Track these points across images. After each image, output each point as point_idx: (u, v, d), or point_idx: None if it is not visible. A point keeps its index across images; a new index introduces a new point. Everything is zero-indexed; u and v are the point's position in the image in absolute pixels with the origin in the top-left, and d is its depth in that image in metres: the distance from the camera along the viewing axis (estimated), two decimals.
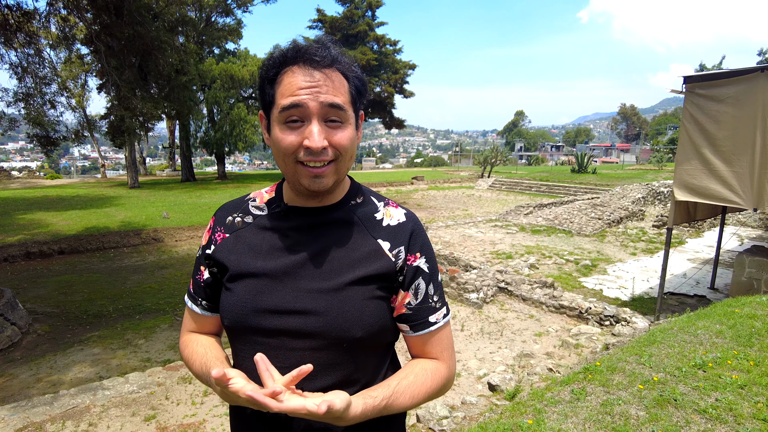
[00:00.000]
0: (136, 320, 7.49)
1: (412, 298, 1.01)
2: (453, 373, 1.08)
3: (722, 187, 6.36)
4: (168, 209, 15.63)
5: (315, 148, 0.89)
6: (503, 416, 2.91)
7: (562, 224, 15.34)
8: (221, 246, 1.07)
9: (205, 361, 1.04)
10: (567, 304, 7.64)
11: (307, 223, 1.02)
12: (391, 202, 1.09)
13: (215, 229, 1.11)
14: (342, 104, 0.91)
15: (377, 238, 1.01)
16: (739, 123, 6.21)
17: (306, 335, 0.95)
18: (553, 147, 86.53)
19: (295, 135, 0.91)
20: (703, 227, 15.18)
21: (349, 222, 1.03)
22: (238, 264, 1.02)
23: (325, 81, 0.91)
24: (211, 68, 25.38)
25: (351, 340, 0.95)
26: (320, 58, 0.91)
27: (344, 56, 0.96)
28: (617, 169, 35.49)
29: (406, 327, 1.03)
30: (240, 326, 0.99)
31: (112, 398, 4.74)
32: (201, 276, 1.11)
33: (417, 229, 1.04)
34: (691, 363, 3.20)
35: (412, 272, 1.01)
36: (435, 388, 1.01)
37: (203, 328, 1.17)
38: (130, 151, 22.41)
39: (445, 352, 1.06)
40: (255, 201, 1.12)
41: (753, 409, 2.66)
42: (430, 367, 1.03)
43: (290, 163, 0.94)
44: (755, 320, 4.01)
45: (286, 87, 0.91)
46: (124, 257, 11.33)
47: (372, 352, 1.02)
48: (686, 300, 8.44)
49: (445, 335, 1.06)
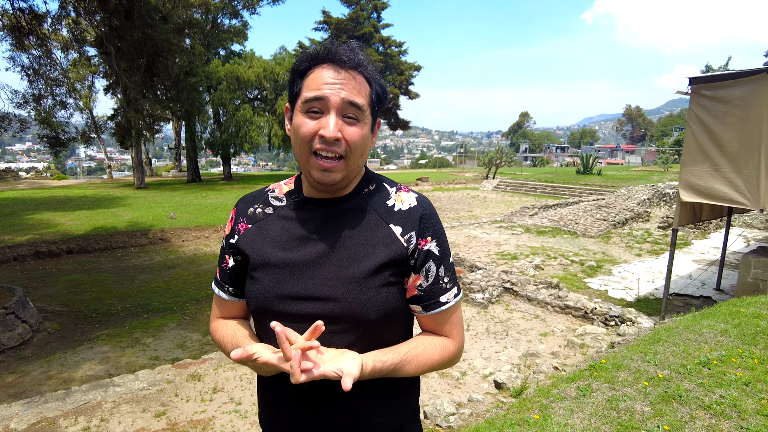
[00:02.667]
0: (144, 319, 7.57)
1: (423, 280, 1.07)
2: (461, 349, 1.14)
3: (728, 188, 6.37)
4: (174, 210, 15.74)
5: (328, 137, 0.96)
6: (510, 412, 2.96)
7: (567, 225, 15.34)
8: (244, 236, 1.14)
9: (235, 342, 1.11)
10: (572, 304, 7.67)
11: (324, 213, 1.08)
12: (403, 187, 1.15)
13: (237, 219, 1.18)
14: (360, 104, 0.99)
15: (389, 223, 1.07)
16: (745, 124, 6.22)
17: (326, 319, 1.01)
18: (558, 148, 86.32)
19: (314, 124, 0.99)
20: (708, 229, 15.14)
21: (363, 210, 1.09)
22: (261, 253, 1.08)
23: (349, 80, 0.98)
24: (217, 70, 25.53)
25: (367, 323, 1.02)
26: (347, 59, 0.99)
27: (370, 64, 1.04)
28: (622, 171, 35.38)
29: (418, 308, 1.09)
30: (265, 311, 1.06)
31: (122, 395, 4.81)
32: (226, 264, 1.18)
33: (427, 213, 1.09)
34: (695, 361, 3.23)
35: (423, 256, 1.06)
36: (441, 361, 1.09)
37: (231, 313, 1.23)
38: (137, 152, 22.56)
39: (454, 330, 1.12)
40: (274, 192, 1.19)
41: (757, 405, 2.70)
42: (440, 342, 1.10)
43: (305, 152, 1.01)
44: (760, 319, 4.04)
45: (312, 81, 0.99)
46: (131, 257, 11.44)
47: (387, 333, 1.08)
48: (692, 301, 8.44)
49: (456, 314, 1.12)
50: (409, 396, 1.16)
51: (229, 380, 5.18)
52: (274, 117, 28.50)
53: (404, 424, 1.15)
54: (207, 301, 8.48)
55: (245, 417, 4.52)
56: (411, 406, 1.17)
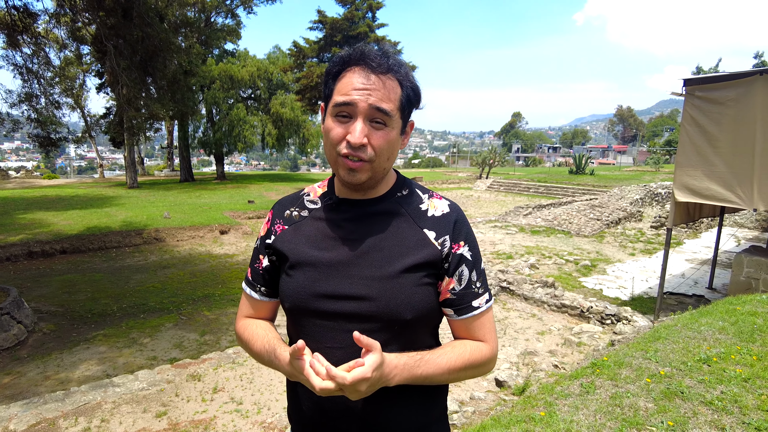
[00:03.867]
0: (140, 319, 7.53)
1: (456, 284, 1.09)
2: (495, 354, 1.14)
3: (722, 188, 6.45)
4: (168, 209, 15.65)
5: (354, 143, 0.99)
6: (515, 409, 2.99)
7: (561, 225, 15.44)
8: (281, 237, 1.16)
9: (267, 341, 1.12)
10: (568, 303, 7.73)
11: (358, 214, 1.11)
12: (435, 194, 1.18)
13: (274, 221, 1.21)
14: (388, 110, 1.00)
15: (423, 228, 1.10)
16: (738, 125, 6.31)
17: (361, 318, 1.04)
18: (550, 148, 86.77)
19: (342, 128, 1.01)
20: (700, 228, 15.31)
21: (396, 213, 1.11)
22: (297, 253, 1.11)
23: (378, 85, 1.00)
24: (211, 69, 25.41)
25: (401, 322, 1.04)
26: (377, 64, 1.01)
27: (402, 66, 1.05)
28: (614, 171, 35.66)
29: (451, 311, 1.11)
30: (300, 309, 1.08)
31: (122, 395, 4.79)
32: (260, 264, 1.21)
33: (460, 219, 1.13)
34: (696, 358, 3.29)
35: (456, 260, 1.08)
36: (474, 362, 1.09)
37: (260, 313, 1.25)
38: (129, 151, 22.37)
39: (487, 334, 1.13)
40: (309, 196, 1.21)
41: (758, 401, 2.75)
42: (471, 343, 1.11)
43: (333, 153, 1.04)
44: (756, 317, 4.11)
45: (343, 85, 1.01)
46: (126, 257, 11.37)
47: (420, 333, 1.11)
48: (685, 300, 8.54)
49: (488, 319, 1.13)
50: (438, 395, 1.18)
51: (229, 380, 5.17)
52: (268, 116, 28.41)
53: (432, 423, 1.17)
54: (204, 301, 8.45)
55: (247, 417, 4.52)
56: (440, 404, 1.19)
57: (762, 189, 6.17)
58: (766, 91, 6.02)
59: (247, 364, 5.57)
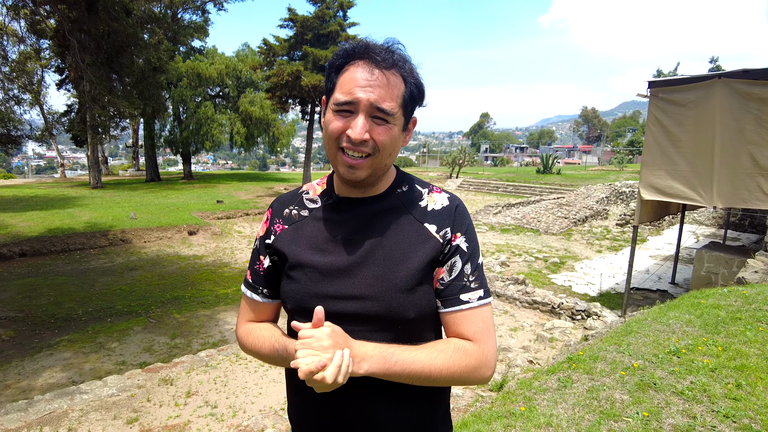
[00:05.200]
0: (107, 323, 7.30)
1: (446, 274, 1.06)
2: (489, 359, 1.04)
3: (685, 187, 6.69)
4: (134, 210, 15.21)
5: (355, 139, 0.97)
6: (495, 405, 3.03)
7: (530, 223, 15.75)
8: (281, 236, 1.13)
9: (276, 340, 1.08)
10: (540, 299, 7.89)
11: (359, 213, 1.09)
12: (435, 188, 1.15)
13: (273, 220, 1.17)
14: (389, 110, 0.98)
15: (424, 222, 1.08)
16: (699, 126, 6.56)
17: (364, 318, 1.02)
18: (518, 148, 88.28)
19: (342, 122, 0.99)
20: (662, 225, 15.87)
21: (397, 210, 1.09)
22: (299, 254, 1.08)
23: (382, 81, 0.97)
24: (178, 66, 24.82)
25: (405, 322, 1.03)
26: (382, 59, 0.98)
27: (407, 62, 1.03)
28: (580, 170, 36.59)
29: (438, 302, 1.07)
30: (303, 310, 1.06)
31: (90, 402, 4.63)
32: (261, 265, 1.17)
33: (461, 211, 1.11)
34: (666, 350, 3.40)
35: (452, 250, 1.06)
36: (458, 361, 1.00)
37: (262, 316, 1.21)
38: (93, 150, 21.62)
39: (478, 333, 1.04)
40: (308, 194, 1.18)
41: (724, 389, 2.87)
42: (460, 343, 1.03)
43: (333, 148, 1.02)
44: (720, 310, 4.28)
45: (345, 80, 0.99)
46: (91, 259, 10.99)
47: (423, 331, 1.09)
48: (650, 295, 8.84)
49: (480, 318, 1.06)
50: (442, 395, 1.17)
51: (203, 383, 5.07)
52: (237, 115, 27.95)
53: (436, 423, 1.16)
54: (173, 303, 8.26)
55: (222, 420, 4.44)
56: (443, 405, 1.18)
57: (720, 188, 6.43)
58: (724, 94, 6.28)
59: (220, 367, 5.47)
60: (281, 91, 21.60)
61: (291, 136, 31.93)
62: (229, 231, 14.72)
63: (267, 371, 5.39)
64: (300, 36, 21.58)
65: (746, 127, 6.14)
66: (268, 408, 4.66)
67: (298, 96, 22.14)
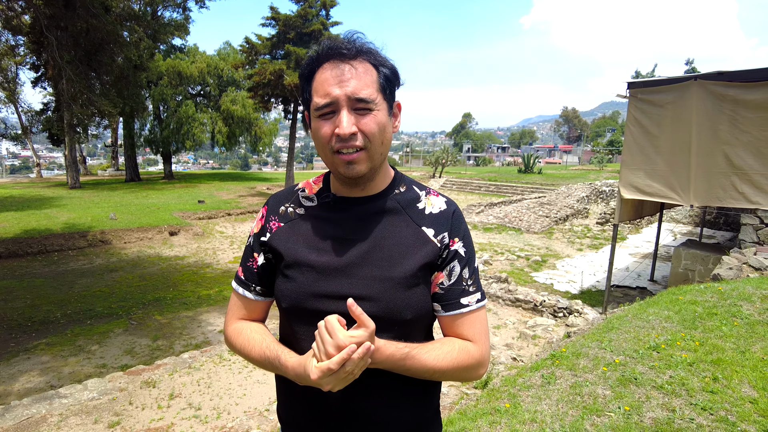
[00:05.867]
0: (87, 325, 7.18)
1: (446, 278, 1.08)
2: (486, 358, 1.10)
3: (663, 186, 6.84)
4: (114, 210, 14.95)
5: (343, 134, 0.96)
6: (480, 402, 3.06)
7: (512, 222, 15.90)
8: (277, 234, 1.12)
9: (267, 346, 1.07)
10: (522, 297, 7.98)
11: (356, 213, 1.08)
12: (432, 191, 1.16)
13: (268, 218, 1.16)
14: (367, 97, 0.97)
15: (421, 225, 1.08)
16: (676, 126, 6.71)
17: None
18: (500, 148, 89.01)
19: (329, 125, 0.98)
20: (641, 224, 16.17)
21: (394, 211, 1.10)
22: (295, 253, 1.07)
23: (352, 73, 0.97)
24: (158, 64, 24.45)
25: (402, 323, 1.03)
26: (347, 50, 0.98)
27: (372, 48, 1.02)
28: (561, 170, 37.05)
29: (438, 306, 1.09)
30: (299, 310, 1.05)
31: (70, 406, 4.54)
32: (254, 263, 1.16)
33: (458, 216, 1.12)
34: (646, 346, 3.48)
35: (450, 255, 1.08)
36: (462, 362, 1.05)
37: (253, 314, 1.20)
38: (71, 149, 21.13)
39: (477, 335, 1.09)
40: (304, 191, 1.17)
41: (702, 383, 2.95)
42: (460, 342, 1.08)
43: (328, 154, 1.01)
44: (697, 306, 4.39)
45: (318, 84, 0.99)
46: (69, 260, 10.77)
47: (417, 332, 1.10)
48: (630, 292, 9.01)
49: (478, 320, 1.10)
50: (434, 392, 1.18)
51: (186, 385, 5.01)
52: (218, 113, 27.65)
53: (428, 420, 1.17)
54: (155, 304, 8.14)
55: (206, 422, 4.40)
56: (433, 404, 1.19)
57: (697, 187, 6.59)
58: (699, 96, 6.43)
59: (204, 369, 5.42)
60: (263, 90, 21.43)
61: (273, 135, 31.73)
62: (211, 231, 14.57)
63: (251, 372, 5.35)
64: (282, 35, 21.43)
65: (721, 128, 6.30)
66: (253, 409, 4.63)
67: (281, 95, 22.01)
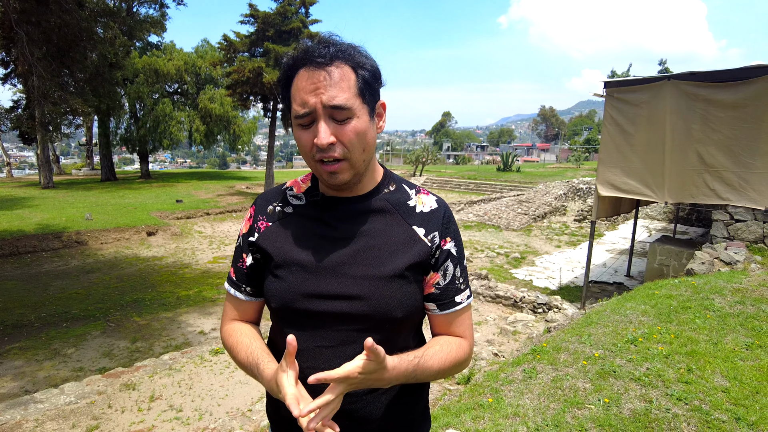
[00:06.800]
0: (63, 328, 7.02)
1: (441, 278, 1.09)
2: (472, 352, 1.16)
3: (639, 183, 6.99)
4: (90, 210, 14.63)
5: (321, 145, 0.95)
6: (463, 397, 3.10)
7: (491, 220, 16.06)
8: (265, 234, 1.11)
9: (251, 352, 1.08)
10: (502, 294, 8.07)
11: (346, 212, 1.08)
12: (422, 189, 1.16)
13: (257, 217, 1.15)
14: (343, 104, 0.94)
15: (412, 224, 1.09)
16: (651, 125, 6.87)
17: (352, 318, 1.02)
18: (479, 147, 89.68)
19: (309, 134, 0.97)
20: (617, 220, 16.49)
21: (384, 210, 1.09)
22: (284, 252, 1.07)
23: (327, 80, 0.94)
24: (134, 62, 23.97)
25: (392, 321, 1.03)
26: (321, 57, 0.95)
27: (349, 49, 0.98)
28: (539, 168, 37.53)
29: (434, 306, 1.11)
30: (288, 309, 1.05)
31: (46, 411, 4.44)
32: (243, 263, 1.15)
33: (448, 215, 1.13)
34: (624, 339, 3.57)
35: (444, 255, 1.09)
36: (459, 358, 1.10)
37: (245, 314, 1.20)
38: (43, 148, 20.60)
39: (467, 330, 1.14)
40: (293, 191, 1.16)
41: (677, 374, 3.04)
42: (454, 341, 1.12)
43: (311, 161, 1.01)
44: (672, 300, 4.51)
45: (295, 92, 0.97)
46: (43, 262, 10.50)
47: (408, 330, 1.12)
48: (607, 287, 9.19)
49: (467, 315, 1.15)
50: (423, 390, 1.19)
51: (166, 387, 4.95)
52: (196, 112, 27.24)
53: (417, 418, 1.18)
54: (133, 306, 8.01)
55: (188, 424, 4.35)
56: (424, 399, 1.20)
57: (671, 184, 6.76)
58: (673, 95, 6.60)
59: (184, 370, 5.36)
60: (242, 88, 21.19)
61: (252, 133, 31.41)
62: (189, 231, 14.37)
63: (233, 373, 5.31)
64: (261, 32, 21.21)
65: (693, 127, 6.47)
66: (236, 410, 4.60)
67: (260, 93, 21.79)
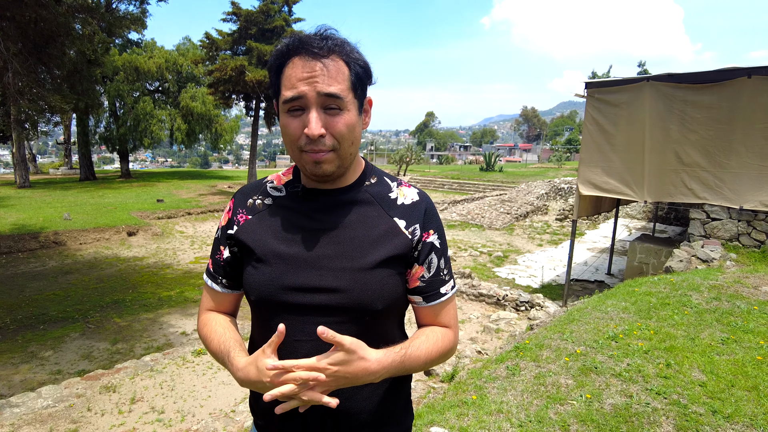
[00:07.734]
0: (40, 331, 6.86)
1: (426, 271, 1.10)
2: (458, 341, 1.17)
3: (619, 183, 7.11)
4: (68, 210, 14.34)
5: (312, 135, 0.94)
6: (447, 395, 3.12)
7: (474, 219, 16.17)
8: (244, 227, 1.10)
9: (223, 341, 1.07)
10: (485, 292, 8.13)
11: (326, 203, 1.07)
12: (404, 182, 1.16)
13: (236, 211, 1.14)
14: (338, 93, 0.95)
15: (393, 216, 1.09)
16: (631, 125, 6.99)
17: (331, 310, 1.02)
18: (462, 147, 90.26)
19: (298, 122, 0.97)
20: (598, 219, 16.74)
21: (365, 202, 1.09)
22: (263, 245, 1.06)
23: (323, 71, 0.94)
24: (114, 59, 23.55)
25: (372, 313, 1.03)
26: (318, 48, 0.95)
27: (345, 44, 0.99)
28: (521, 168, 37.91)
29: (419, 298, 1.12)
30: (267, 302, 1.04)
31: (22, 416, 4.33)
32: (221, 256, 1.15)
33: (430, 208, 1.13)
34: (605, 336, 3.63)
35: (427, 248, 1.09)
36: (445, 348, 1.11)
37: (221, 306, 1.19)
38: (19, 147, 20.14)
39: (452, 320, 1.16)
40: (273, 183, 1.16)
41: (656, 369, 3.10)
42: (440, 330, 1.13)
43: (295, 150, 1.00)
44: (651, 297, 4.60)
45: (287, 78, 0.97)
46: (19, 263, 10.26)
47: (389, 323, 1.12)
48: (588, 285, 9.32)
49: (452, 306, 1.16)
50: (405, 382, 1.19)
51: (148, 389, 4.88)
52: (177, 110, 26.88)
53: (399, 410, 1.18)
54: (113, 307, 7.87)
55: (170, 426, 4.30)
56: (406, 392, 1.20)
57: (650, 183, 6.89)
58: (652, 96, 6.72)
59: (166, 371, 5.28)
60: (224, 86, 21.01)
61: (234, 132, 31.13)
62: (171, 231, 14.18)
63: (216, 373, 5.26)
64: (244, 30, 21.06)
65: (671, 127, 6.60)
66: (218, 411, 4.56)
67: (242, 91, 21.62)
